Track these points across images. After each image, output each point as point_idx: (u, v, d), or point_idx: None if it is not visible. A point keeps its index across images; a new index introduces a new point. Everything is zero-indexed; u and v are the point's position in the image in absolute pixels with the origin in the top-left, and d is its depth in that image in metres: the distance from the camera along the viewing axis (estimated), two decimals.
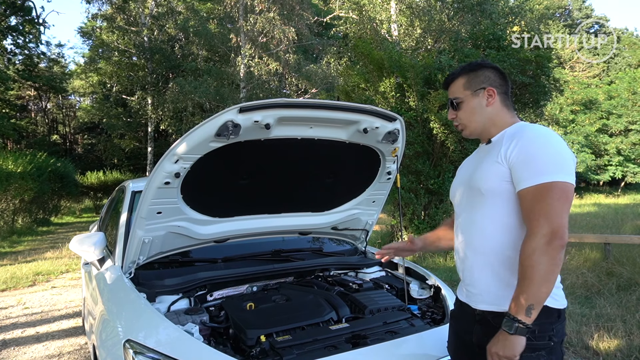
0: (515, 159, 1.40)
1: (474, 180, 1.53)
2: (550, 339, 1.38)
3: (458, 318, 1.66)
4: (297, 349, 1.76)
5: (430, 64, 7.51)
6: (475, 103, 1.57)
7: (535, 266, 1.29)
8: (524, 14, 13.92)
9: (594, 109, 26.55)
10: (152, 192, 2.06)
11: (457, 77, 1.62)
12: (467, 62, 1.68)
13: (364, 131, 2.22)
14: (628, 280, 5.21)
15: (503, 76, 1.60)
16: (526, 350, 1.33)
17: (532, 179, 1.35)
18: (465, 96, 1.59)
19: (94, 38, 22.95)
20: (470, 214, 1.55)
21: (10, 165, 12.43)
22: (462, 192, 1.63)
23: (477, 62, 1.63)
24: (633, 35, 40.80)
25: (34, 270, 7.05)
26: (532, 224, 1.34)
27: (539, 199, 1.33)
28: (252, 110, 1.90)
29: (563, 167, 1.35)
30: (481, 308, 1.49)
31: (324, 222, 2.78)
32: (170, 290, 2.23)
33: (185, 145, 1.93)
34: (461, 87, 1.60)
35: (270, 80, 17.30)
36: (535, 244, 1.31)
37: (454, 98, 1.62)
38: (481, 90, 1.56)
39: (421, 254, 7.31)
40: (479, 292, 1.51)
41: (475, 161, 1.63)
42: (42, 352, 3.84)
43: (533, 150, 1.38)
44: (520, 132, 1.45)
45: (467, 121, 1.60)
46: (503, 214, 1.45)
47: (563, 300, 1.45)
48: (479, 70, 1.59)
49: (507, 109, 1.57)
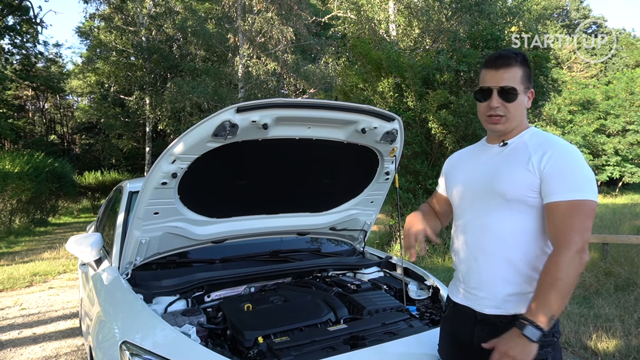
0: (549, 170, 1.37)
1: (496, 185, 1.46)
2: (553, 335, 1.40)
3: (453, 320, 1.61)
4: (294, 350, 1.75)
5: (428, 64, 7.51)
6: (522, 101, 1.48)
7: (565, 279, 1.30)
8: (522, 14, 13.92)
9: (591, 109, 26.60)
10: (149, 193, 2.05)
11: (515, 64, 1.46)
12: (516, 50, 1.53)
13: (362, 131, 2.21)
14: (626, 280, 5.21)
15: None
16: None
17: (567, 194, 1.35)
18: (520, 90, 1.46)
19: (92, 38, 22.87)
20: (483, 217, 1.50)
21: (8, 165, 12.38)
22: (470, 194, 1.56)
23: (526, 56, 1.51)
24: (630, 35, 40.92)
25: (31, 271, 7.02)
26: (565, 237, 1.33)
27: (571, 214, 1.33)
28: (249, 110, 1.89)
29: (593, 187, 1.39)
30: (487, 312, 1.47)
31: (322, 223, 2.77)
32: (168, 291, 2.22)
33: (183, 146, 1.92)
34: (519, 78, 1.46)
35: (269, 81, 17.26)
36: (569, 259, 1.31)
37: (511, 88, 1.44)
38: (528, 90, 1.50)
39: (419, 254, 7.29)
40: (485, 295, 1.48)
41: (492, 163, 1.52)
42: (39, 353, 3.82)
43: (568, 165, 1.38)
44: (549, 143, 1.43)
45: (512, 116, 1.47)
46: (526, 220, 1.43)
47: None
48: (529, 66, 1.50)
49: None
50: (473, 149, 1.68)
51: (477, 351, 1.45)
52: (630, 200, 21.34)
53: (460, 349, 1.57)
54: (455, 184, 1.64)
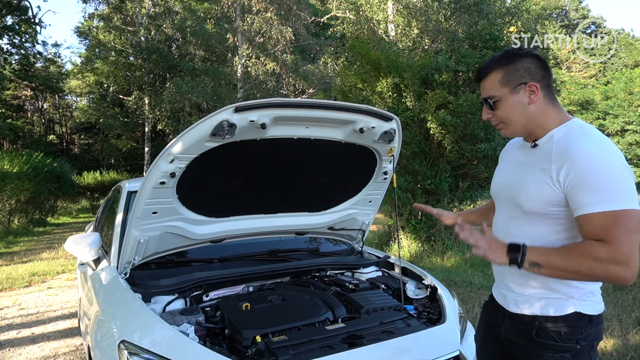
0: (573, 182, 1.26)
1: (517, 195, 1.41)
2: (577, 342, 1.35)
3: (490, 310, 1.62)
4: (292, 349, 1.75)
5: (427, 64, 7.51)
6: (515, 101, 1.37)
7: (583, 264, 1.23)
8: (520, 14, 13.94)
9: (590, 109, 26.65)
10: (148, 192, 2.05)
11: (492, 70, 1.40)
12: (501, 51, 1.44)
13: (360, 131, 2.21)
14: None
15: (545, 66, 1.38)
16: (550, 351, 1.35)
17: (600, 205, 1.22)
18: (503, 94, 1.38)
19: (91, 38, 22.85)
20: (507, 221, 1.49)
21: (6, 165, 12.37)
22: (499, 196, 1.55)
23: (514, 51, 1.40)
24: (629, 35, 40.97)
25: (29, 271, 7.01)
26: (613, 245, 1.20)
27: (613, 226, 1.20)
28: (247, 110, 1.90)
29: (631, 192, 1.23)
30: (511, 309, 1.48)
31: (320, 222, 2.78)
32: (166, 290, 2.22)
33: (181, 145, 1.92)
34: (497, 83, 1.39)
35: (268, 81, 17.27)
36: (602, 260, 1.21)
37: (489, 97, 1.41)
38: (521, 87, 1.36)
39: (419, 254, 7.31)
40: (509, 294, 1.49)
41: (520, 166, 1.46)
42: (38, 353, 3.82)
43: (593, 174, 1.23)
44: (572, 148, 1.28)
45: (507, 120, 1.41)
46: (547, 232, 1.36)
47: (598, 305, 1.39)
48: (517, 61, 1.37)
49: (552, 104, 1.38)
50: (518, 142, 1.56)
51: (504, 344, 1.50)
52: None
53: (493, 338, 1.58)
54: (494, 180, 1.61)
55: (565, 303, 1.37)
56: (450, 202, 7.61)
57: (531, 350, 1.40)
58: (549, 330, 1.37)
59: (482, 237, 1.35)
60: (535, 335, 1.39)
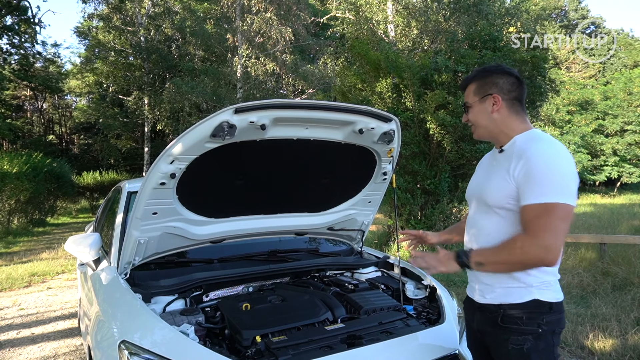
0: (521, 177, 1.47)
1: (483, 192, 1.63)
2: (538, 326, 1.51)
3: (466, 307, 1.79)
4: (292, 350, 1.76)
5: (426, 65, 7.52)
6: (481, 109, 1.63)
7: (513, 254, 1.47)
8: (520, 14, 13.95)
9: (590, 110, 26.66)
10: (148, 193, 2.06)
11: (470, 81, 1.68)
12: (482, 66, 1.74)
13: (360, 132, 2.22)
14: (623, 280, 5.24)
15: (516, 81, 1.61)
16: (514, 334, 1.52)
17: (537, 198, 1.42)
18: (474, 102, 1.65)
19: (90, 38, 22.85)
20: (477, 218, 1.68)
21: (6, 165, 12.37)
22: (472, 194, 1.74)
23: (490, 68, 1.66)
24: (629, 36, 41.01)
25: (29, 271, 7.02)
26: (534, 231, 1.42)
27: (542, 215, 1.41)
28: (247, 111, 1.90)
29: (566, 190, 1.42)
30: (480, 301, 1.64)
31: (320, 223, 2.79)
32: (166, 291, 2.23)
33: (181, 146, 1.93)
34: (471, 92, 1.67)
35: (267, 81, 17.28)
36: (529, 246, 1.43)
37: (465, 103, 1.70)
38: (487, 97, 1.61)
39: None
40: (476, 286, 1.67)
41: (488, 168, 1.71)
42: (38, 354, 3.82)
43: (539, 170, 1.44)
44: (528, 149, 1.49)
45: (476, 124, 1.68)
46: (508, 224, 1.55)
47: (556, 294, 1.55)
48: (488, 76, 1.63)
49: (515, 115, 1.60)
50: (492, 152, 1.80)
51: (478, 336, 1.68)
52: (629, 200, 21.37)
53: (471, 333, 1.76)
54: (469, 185, 1.83)
55: (525, 291, 1.52)
56: (450, 202, 7.62)
57: (499, 336, 1.57)
58: (513, 316, 1.53)
59: (434, 257, 1.64)
60: (501, 321, 1.55)
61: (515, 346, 1.52)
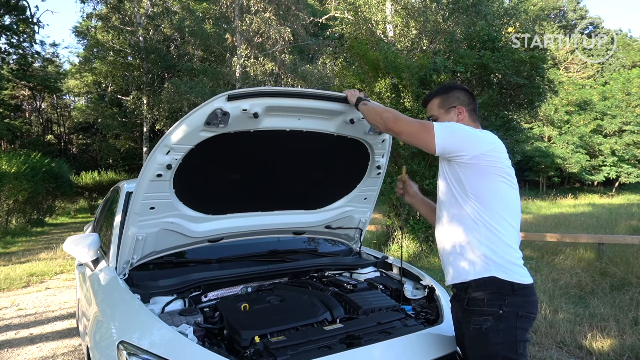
0: None
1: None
2: (500, 308, 1.61)
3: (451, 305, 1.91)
4: (291, 350, 1.76)
5: (425, 65, 7.53)
6: (448, 119, 1.88)
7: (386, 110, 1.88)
8: (518, 15, 13.97)
9: (588, 110, 26.72)
10: (145, 186, 2.07)
11: (433, 97, 1.96)
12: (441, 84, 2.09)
13: (351, 122, 2.23)
14: (621, 280, 5.25)
15: (471, 96, 1.93)
16: (475, 314, 1.64)
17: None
18: (439, 114, 1.91)
19: (89, 38, 22.82)
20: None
21: (4, 165, 12.34)
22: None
23: (450, 85, 1.98)
24: (627, 36, 41.09)
25: (27, 271, 7.01)
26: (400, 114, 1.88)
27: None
28: (240, 98, 1.92)
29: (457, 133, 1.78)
30: (450, 283, 1.80)
31: (317, 220, 2.79)
32: (165, 291, 2.23)
33: (176, 135, 1.94)
34: (436, 106, 1.93)
35: (266, 81, 17.26)
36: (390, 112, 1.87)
37: (431, 115, 1.94)
38: (452, 109, 1.89)
39: (416, 254, 7.33)
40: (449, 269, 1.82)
41: None
42: (36, 354, 3.82)
43: None
44: None
45: None
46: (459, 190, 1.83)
47: (520, 277, 1.66)
48: (450, 91, 1.92)
49: (473, 122, 1.89)
50: None
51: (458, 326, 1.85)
52: (627, 200, 21.42)
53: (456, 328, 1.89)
54: None
55: (486, 267, 1.66)
56: None
57: (464, 319, 1.71)
58: (476, 299, 1.66)
59: (350, 91, 2.11)
60: (466, 304, 1.69)
61: (475, 326, 1.63)
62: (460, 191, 1.73)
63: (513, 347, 1.60)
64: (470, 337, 1.68)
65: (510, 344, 1.60)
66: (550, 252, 6.80)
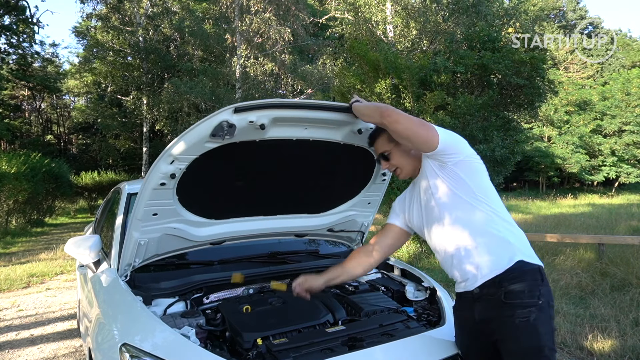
0: None
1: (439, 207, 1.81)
2: (538, 298, 1.61)
3: (459, 311, 1.87)
4: (293, 352, 1.76)
5: (425, 65, 7.53)
6: (401, 152, 1.89)
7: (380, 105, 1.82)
8: (518, 15, 13.98)
9: (588, 110, 26.74)
10: (148, 194, 2.05)
11: (379, 134, 1.94)
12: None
13: (359, 132, 2.22)
14: (622, 281, 5.25)
15: None
16: (518, 307, 1.60)
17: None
18: (391, 148, 1.91)
19: (89, 38, 22.79)
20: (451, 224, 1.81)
21: (4, 165, 12.32)
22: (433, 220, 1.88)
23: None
24: (627, 36, 41.12)
25: (28, 272, 7.00)
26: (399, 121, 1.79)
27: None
28: (246, 111, 1.90)
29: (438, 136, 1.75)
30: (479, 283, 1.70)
31: (320, 224, 2.78)
32: (167, 293, 2.23)
33: (181, 146, 1.93)
34: (385, 141, 1.92)
35: (266, 81, 17.27)
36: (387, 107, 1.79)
37: (383, 151, 1.94)
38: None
39: (417, 254, 7.33)
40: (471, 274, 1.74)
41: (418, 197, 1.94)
42: (37, 355, 3.82)
43: None
44: None
45: (401, 165, 1.91)
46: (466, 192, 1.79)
47: (537, 259, 1.69)
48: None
49: None
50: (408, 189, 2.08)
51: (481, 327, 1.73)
52: (627, 201, 21.42)
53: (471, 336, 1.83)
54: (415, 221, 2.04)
55: (512, 254, 1.65)
56: None
57: (504, 314, 1.63)
58: (515, 291, 1.61)
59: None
60: (504, 298, 1.62)
61: (522, 319, 1.58)
62: (466, 190, 1.72)
63: (552, 337, 1.62)
64: (516, 331, 1.60)
65: (551, 334, 1.62)
66: (551, 253, 6.80)
